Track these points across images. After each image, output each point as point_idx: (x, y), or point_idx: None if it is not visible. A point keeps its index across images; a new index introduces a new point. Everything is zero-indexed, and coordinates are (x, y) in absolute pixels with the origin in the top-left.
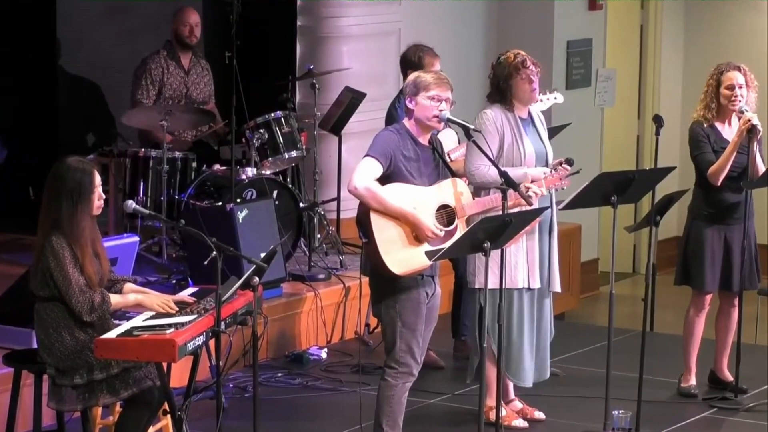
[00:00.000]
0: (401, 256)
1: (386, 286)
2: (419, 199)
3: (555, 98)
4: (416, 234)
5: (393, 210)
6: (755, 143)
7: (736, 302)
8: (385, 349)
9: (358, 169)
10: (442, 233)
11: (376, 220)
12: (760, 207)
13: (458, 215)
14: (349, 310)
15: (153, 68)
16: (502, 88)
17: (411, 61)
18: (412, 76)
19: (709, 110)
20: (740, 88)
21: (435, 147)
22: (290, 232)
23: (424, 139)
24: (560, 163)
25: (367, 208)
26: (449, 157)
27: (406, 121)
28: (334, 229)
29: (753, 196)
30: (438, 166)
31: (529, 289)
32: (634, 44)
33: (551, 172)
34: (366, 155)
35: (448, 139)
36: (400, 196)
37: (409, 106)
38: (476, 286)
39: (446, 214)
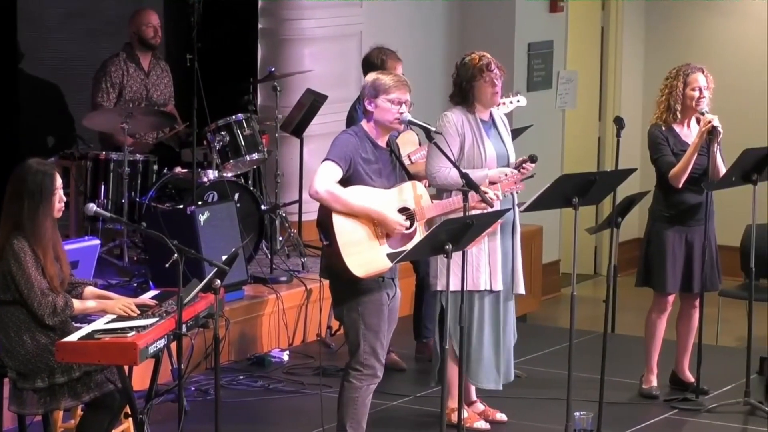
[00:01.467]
0: (363, 259)
1: (348, 289)
2: (380, 202)
3: (518, 101)
4: (382, 231)
5: (357, 209)
6: (716, 145)
7: (697, 303)
8: (349, 352)
9: (318, 173)
10: (407, 223)
11: (337, 222)
12: (719, 208)
13: (418, 218)
14: (310, 313)
15: (113, 71)
16: (464, 89)
17: (374, 63)
18: (370, 78)
19: (670, 113)
20: (705, 89)
21: (392, 149)
22: (252, 234)
23: (382, 142)
24: (523, 161)
25: (329, 211)
26: (410, 160)
27: (364, 123)
28: (295, 231)
29: (713, 198)
30: (395, 169)
31: (491, 291)
32: (595, 46)
33: (511, 173)
34: (325, 159)
35: (409, 142)
36: (361, 198)
37: (369, 108)
38: (438, 288)
39: (406, 218)
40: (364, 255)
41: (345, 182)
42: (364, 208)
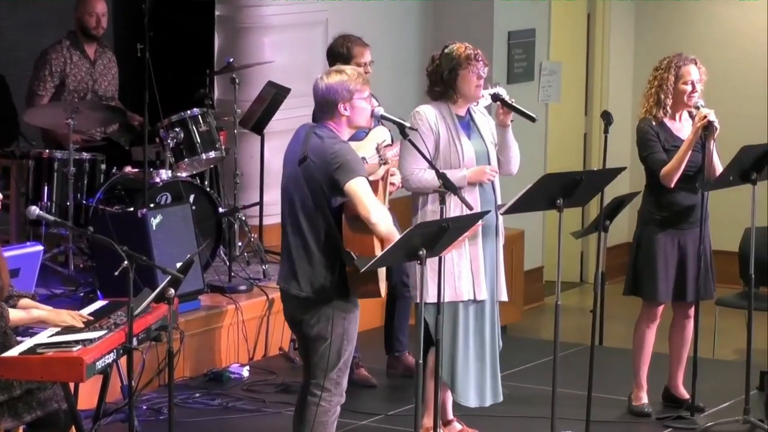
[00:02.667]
0: (382, 278)
1: (339, 302)
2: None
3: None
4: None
5: (393, 236)
6: (712, 141)
7: (692, 313)
8: (315, 369)
9: (365, 197)
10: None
11: (378, 247)
12: (714, 210)
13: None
14: (272, 325)
15: (54, 59)
16: (446, 81)
17: (339, 53)
18: (335, 80)
19: (660, 107)
20: (698, 83)
21: None
22: (209, 239)
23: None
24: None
25: (371, 236)
26: (385, 157)
27: (332, 127)
28: (256, 236)
29: (709, 199)
30: None
31: (475, 300)
32: (580, 35)
33: (491, 170)
34: (358, 176)
35: (381, 138)
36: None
37: (344, 112)
38: (417, 300)
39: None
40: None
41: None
42: (394, 234)
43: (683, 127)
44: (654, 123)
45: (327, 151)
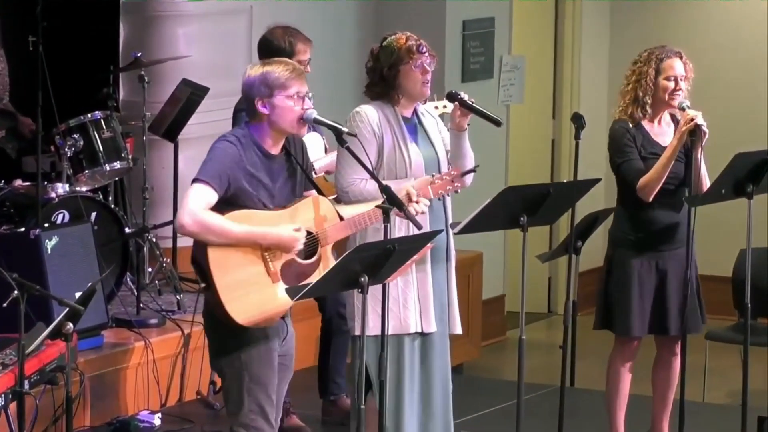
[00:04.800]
0: (250, 303)
1: (228, 334)
2: (268, 224)
3: (444, 107)
4: (276, 262)
5: (238, 236)
6: (699, 149)
7: (678, 349)
8: (228, 413)
9: (186, 201)
10: (303, 234)
11: (214, 258)
12: (703, 228)
13: (321, 243)
14: (189, 364)
15: None
16: (386, 77)
17: (278, 47)
18: (255, 72)
19: (638, 105)
20: (683, 79)
21: (292, 153)
22: (113, 264)
23: (276, 149)
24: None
25: (204, 246)
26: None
27: (251, 126)
28: (169, 260)
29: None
30: (295, 179)
31: (422, 334)
32: (547, 25)
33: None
34: (194, 180)
35: (314, 146)
36: (243, 222)
37: (262, 111)
38: (357, 333)
39: (307, 243)
40: (251, 297)
41: (225, 206)
42: (247, 233)
43: (664, 132)
44: (630, 125)
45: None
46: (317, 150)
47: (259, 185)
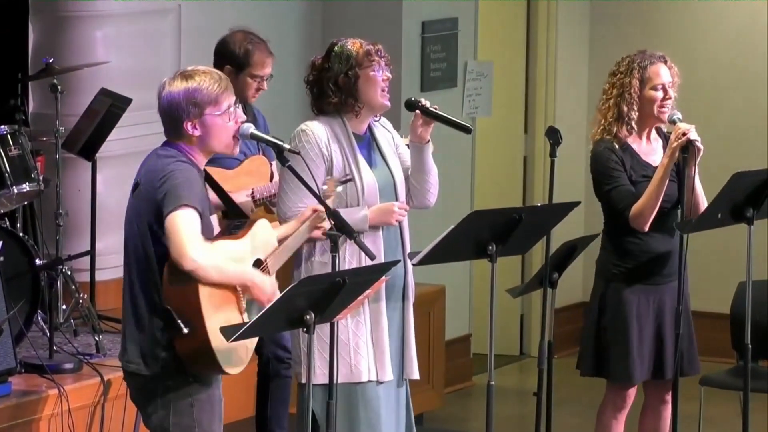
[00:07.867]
0: (230, 347)
1: (179, 384)
2: (239, 258)
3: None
4: (251, 299)
5: (232, 276)
6: (693, 167)
7: (669, 397)
8: None
9: (182, 232)
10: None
11: (206, 296)
12: (697, 257)
13: (269, 272)
14: (109, 414)
15: None
16: (343, 87)
17: (234, 55)
18: (178, 89)
19: (623, 123)
20: (670, 87)
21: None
22: (22, 301)
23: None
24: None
25: (194, 285)
26: (254, 200)
27: (177, 146)
28: (86, 296)
29: (689, 244)
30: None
31: (378, 382)
32: (518, 27)
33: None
34: (181, 206)
35: (257, 173)
36: (225, 256)
37: (193, 133)
38: (303, 381)
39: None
40: (236, 343)
41: None
42: (239, 275)
43: (654, 149)
44: (616, 146)
45: (158, 175)
46: (260, 177)
47: (206, 210)
